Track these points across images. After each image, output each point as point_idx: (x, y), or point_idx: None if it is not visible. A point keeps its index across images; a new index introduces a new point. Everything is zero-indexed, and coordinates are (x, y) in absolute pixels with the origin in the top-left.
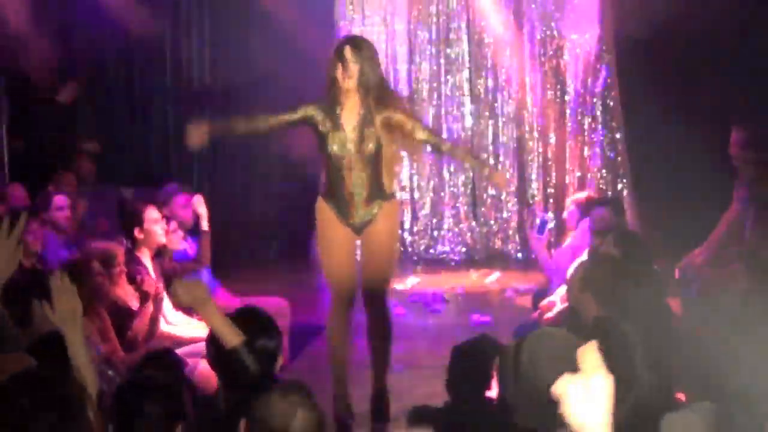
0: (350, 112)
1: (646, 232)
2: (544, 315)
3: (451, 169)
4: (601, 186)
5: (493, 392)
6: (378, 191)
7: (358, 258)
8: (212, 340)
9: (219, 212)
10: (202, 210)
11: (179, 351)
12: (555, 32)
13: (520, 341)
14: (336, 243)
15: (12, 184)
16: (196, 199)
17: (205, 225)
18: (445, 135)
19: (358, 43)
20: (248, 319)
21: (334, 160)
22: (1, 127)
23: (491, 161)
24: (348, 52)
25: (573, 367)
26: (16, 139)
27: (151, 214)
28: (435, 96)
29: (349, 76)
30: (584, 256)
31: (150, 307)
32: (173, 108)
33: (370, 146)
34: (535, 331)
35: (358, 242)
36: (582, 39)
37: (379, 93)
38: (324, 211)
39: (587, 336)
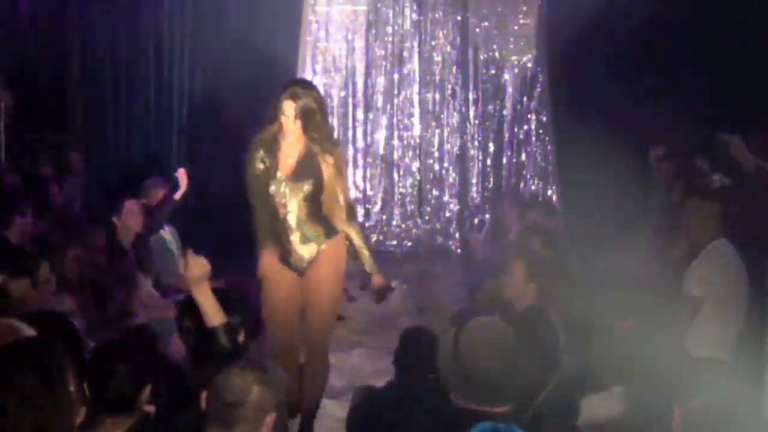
0: (290, 152)
1: (571, 234)
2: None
3: (401, 172)
4: (532, 191)
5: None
6: (318, 230)
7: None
8: (183, 317)
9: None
10: (183, 181)
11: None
12: (496, 53)
13: (458, 329)
14: (277, 288)
15: (7, 173)
16: (180, 172)
17: (177, 195)
18: (396, 142)
19: (300, 93)
20: (215, 297)
21: (273, 199)
22: None
23: (436, 167)
24: (287, 105)
25: (505, 353)
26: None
27: (131, 207)
28: (388, 107)
29: (291, 131)
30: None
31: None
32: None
33: (306, 187)
34: (473, 319)
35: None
36: (520, 60)
37: (321, 140)
38: (265, 254)
39: (518, 323)
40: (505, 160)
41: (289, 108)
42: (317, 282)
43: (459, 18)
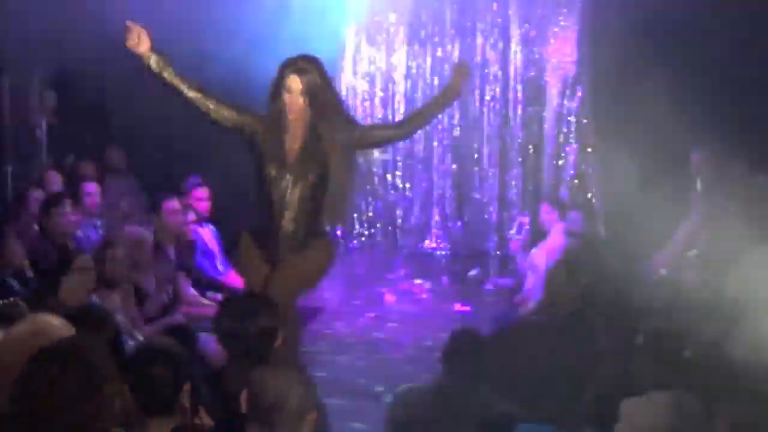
0: (295, 134)
1: (611, 237)
2: (521, 307)
3: (440, 174)
4: (573, 194)
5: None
6: (311, 229)
7: None
8: (221, 317)
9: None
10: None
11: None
12: (537, 55)
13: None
14: (252, 282)
15: (49, 171)
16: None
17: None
18: (435, 144)
19: (303, 68)
20: (253, 300)
21: (269, 187)
22: (41, 118)
23: (476, 169)
24: (293, 81)
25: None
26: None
27: (172, 205)
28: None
29: (297, 109)
30: (558, 256)
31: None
32: None
33: (311, 177)
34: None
35: None
36: (561, 62)
37: (332, 116)
38: (248, 248)
39: (559, 327)
40: (545, 163)
41: (294, 83)
42: (282, 268)
43: (500, 20)
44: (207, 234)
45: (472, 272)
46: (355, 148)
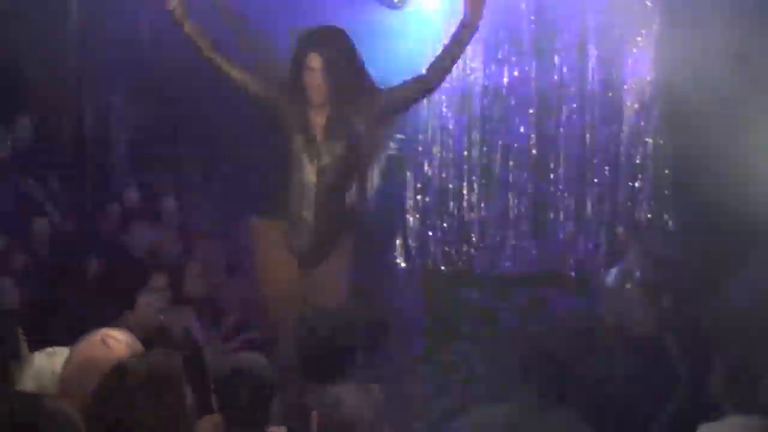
0: (319, 110)
1: (687, 261)
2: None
3: (516, 193)
4: (648, 216)
5: None
6: (339, 215)
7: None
8: (299, 332)
9: None
10: None
11: None
12: (614, 75)
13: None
14: (275, 283)
15: (128, 186)
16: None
17: None
18: (511, 164)
19: (325, 44)
20: (332, 316)
21: (295, 166)
22: (121, 133)
23: (551, 189)
24: (313, 59)
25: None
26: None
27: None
28: (504, 128)
29: (319, 88)
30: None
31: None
32: None
33: (339, 149)
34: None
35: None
36: (637, 83)
37: (355, 89)
38: (264, 234)
39: (636, 349)
40: (620, 183)
41: (314, 62)
42: (323, 283)
43: (577, 41)
44: None
45: (548, 293)
46: (384, 115)
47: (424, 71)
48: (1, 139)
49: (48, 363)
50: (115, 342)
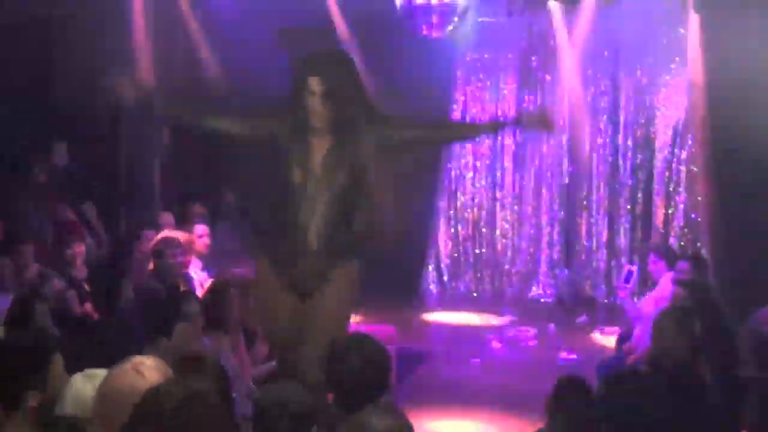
0: (321, 137)
1: (720, 289)
2: (629, 356)
3: (549, 220)
4: (682, 243)
5: None
6: (338, 244)
7: None
8: (329, 359)
9: None
10: None
11: None
12: (647, 102)
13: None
14: (274, 316)
15: (163, 212)
16: None
17: None
18: (544, 191)
19: (327, 67)
20: (362, 343)
21: (292, 189)
22: (152, 161)
23: (584, 216)
24: (313, 83)
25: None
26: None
27: None
28: (537, 155)
29: (320, 113)
30: (667, 305)
31: None
32: None
33: (342, 178)
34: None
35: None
36: (671, 110)
37: (359, 115)
38: (261, 271)
39: (668, 378)
40: (654, 211)
41: (315, 85)
42: (323, 306)
43: (611, 68)
44: None
45: (579, 320)
46: (389, 149)
47: (440, 126)
48: (39, 165)
49: (87, 386)
50: (149, 370)
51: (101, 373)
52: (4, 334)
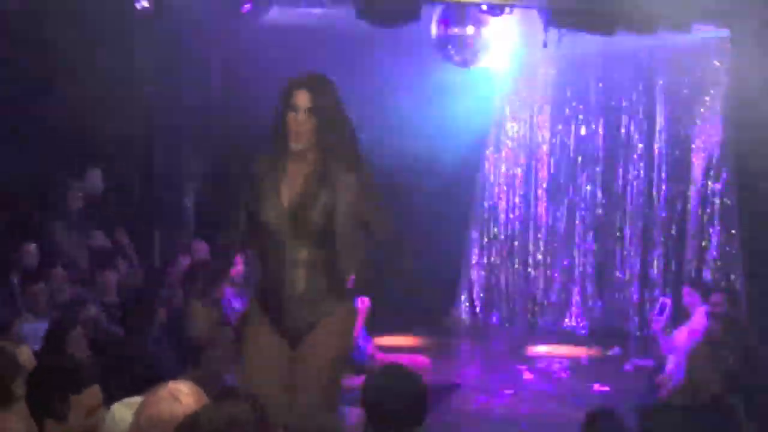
0: (298, 169)
1: (754, 322)
2: (662, 389)
3: (582, 251)
4: (715, 276)
5: None
6: (324, 286)
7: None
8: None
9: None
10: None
11: None
12: (682, 135)
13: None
14: (259, 357)
15: (196, 240)
16: None
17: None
18: (577, 222)
19: (315, 85)
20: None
21: (270, 234)
22: (187, 187)
23: (617, 248)
24: (300, 96)
25: None
26: None
27: None
28: (571, 186)
29: (302, 132)
30: (700, 338)
31: None
32: None
33: (316, 218)
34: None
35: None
36: (706, 142)
37: (343, 150)
38: (252, 314)
39: (703, 412)
40: (687, 243)
41: (301, 99)
42: (312, 354)
43: (645, 99)
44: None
45: (612, 352)
46: (356, 202)
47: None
48: (73, 192)
49: (127, 414)
50: (185, 396)
51: (139, 400)
52: (40, 361)
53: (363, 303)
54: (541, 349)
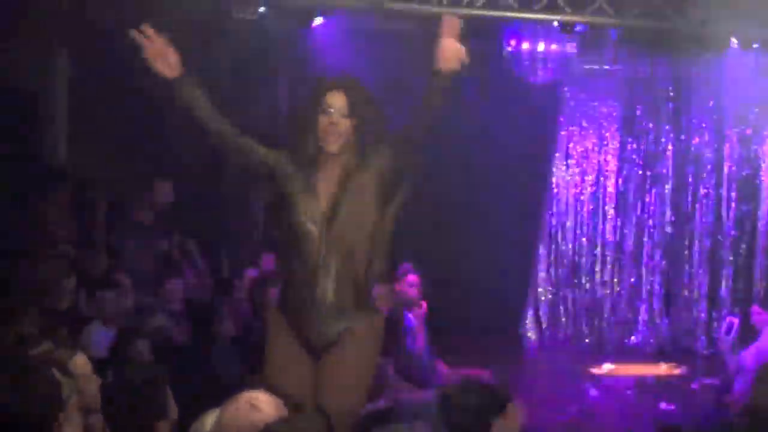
0: (332, 172)
1: None
2: (729, 408)
3: (650, 269)
4: None
5: None
6: (353, 296)
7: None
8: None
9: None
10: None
11: None
12: (752, 154)
13: None
14: (285, 375)
15: (266, 253)
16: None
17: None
18: (645, 239)
19: (350, 86)
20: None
21: (300, 237)
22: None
23: (686, 266)
24: (334, 97)
25: None
26: None
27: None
28: (639, 204)
29: (337, 134)
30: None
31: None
32: None
33: (345, 220)
34: None
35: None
36: None
37: (380, 144)
38: (276, 323)
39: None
40: (756, 262)
41: (336, 101)
42: (337, 369)
43: (715, 117)
44: (416, 320)
45: (679, 370)
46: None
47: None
48: (143, 202)
49: (200, 425)
50: (263, 404)
51: (212, 412)
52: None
53: (421, 308)
54: (607, 366)
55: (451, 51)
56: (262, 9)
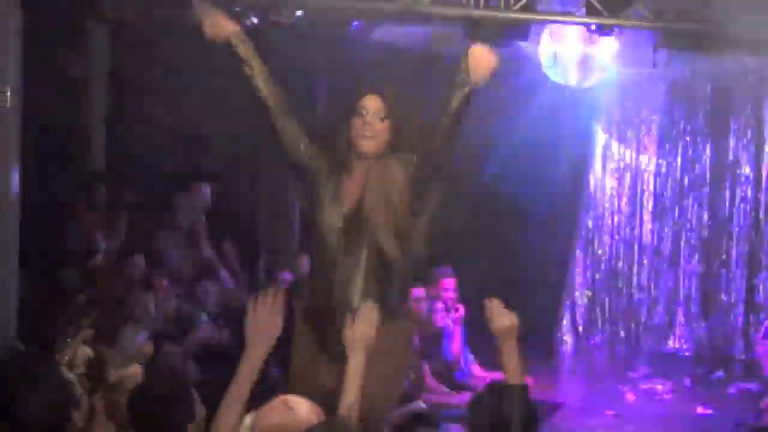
0: (360, 173)
1: None
2: (766, 412)
3: (687, 274)
4: None
5: None
6: (382, 299)
7: None
8: (474, 407)
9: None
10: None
11: None
12: None
13: None
14: (306, 377)
15: (303, 256)
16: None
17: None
18: (683, 243)
19: (386, 90)
20: (510, 392)
21: (326, 241)
22: (293, 203)
23: (723, 271)
24: (370, 100)
25: None
26: None
27: (416, 293)
28: (677, 208)
29: (370, 135)
30: None
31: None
32: None
33: (384, 231)
34: None
35: None
36: None
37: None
38: (298, 327)
39: None
40: None
41: (371, 103)
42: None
43: (753, 121)
44: (453, 323)
45: (716, 375)
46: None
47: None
48: (182, 206)
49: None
50: (298, 405)
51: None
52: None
53: (458, 311)
54: (644, 370)
55: (482, 58)
56: (299, 13)
